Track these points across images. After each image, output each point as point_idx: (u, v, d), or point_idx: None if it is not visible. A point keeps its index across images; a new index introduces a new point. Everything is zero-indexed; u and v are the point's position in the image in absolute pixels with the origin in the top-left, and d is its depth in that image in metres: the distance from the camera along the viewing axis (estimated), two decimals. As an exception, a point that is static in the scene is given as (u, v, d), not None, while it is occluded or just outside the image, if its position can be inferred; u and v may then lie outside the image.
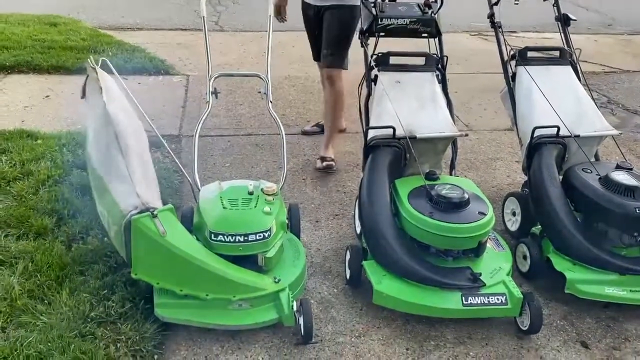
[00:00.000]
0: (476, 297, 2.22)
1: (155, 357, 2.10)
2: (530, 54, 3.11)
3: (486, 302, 2.22)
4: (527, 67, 3.03)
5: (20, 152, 3.34)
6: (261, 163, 3.65)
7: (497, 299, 2.23)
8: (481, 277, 2.27)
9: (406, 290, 2.25)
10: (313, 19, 3.56)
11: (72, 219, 2.74)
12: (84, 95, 2.69)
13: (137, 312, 2.21)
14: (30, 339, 2.01)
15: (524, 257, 2.62)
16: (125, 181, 2.26)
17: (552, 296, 2.52)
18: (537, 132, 2.74)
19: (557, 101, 2.85)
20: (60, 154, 3.34)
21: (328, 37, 3.44)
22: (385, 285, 2.27)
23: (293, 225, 2.66)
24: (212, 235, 2.18)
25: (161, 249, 2.09)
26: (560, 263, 2.44)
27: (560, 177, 2.69)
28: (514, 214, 2.95)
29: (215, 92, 2.87)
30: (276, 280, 2.22)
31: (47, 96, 4.59)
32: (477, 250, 2.36)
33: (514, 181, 3.59)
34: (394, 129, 2.60)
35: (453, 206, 2.33)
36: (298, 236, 2.66)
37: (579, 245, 2.43)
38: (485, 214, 2.33)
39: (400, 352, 2.19)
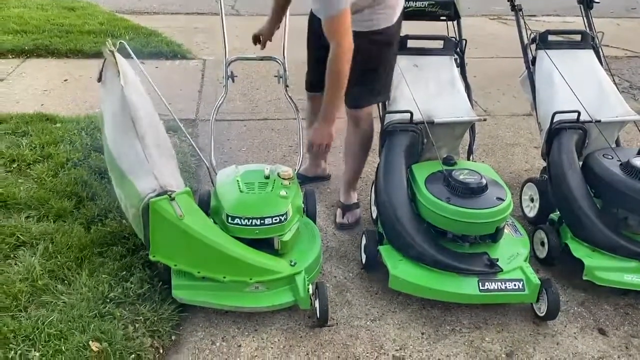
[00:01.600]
0: (493, 283, 2.21)
1: (173, 337, 2.13)
2: (551, 37, 3.05)
3: (503, 287, 2.21)
4: (547, 51, 2.98)
5: (40, 136, 3.37)
6: (277, 147, 3.66)
7: (514, 284, 2.22)
8: (498, 263, 2.25)
9: (422, 275, 2.25)
10: (313, 53, 2.77)
11: (91, 202, 2.77)
12: (100, 79, 2.69)
13: (155, 294, 2.23)
14: (52, 318, 2.04)
15: (542, 244, 2.60)
16: (142, 164, 2.27)
17: (570, 283, 2.50)
18: (557, 117, 2.70)
19: (578, 86, 2.80)
20: (79, 137, 3.37)
21: (352, 69, 2.34)
22: (402, 270, 2.26)
23: (309, 210, 2.66)
24: (229, 219, 2.19)
25: (179, 232, 2.10)
26: (578, 249, 2.42)
27: (580, 163, 2.65)
28: (531, 199, 2.92)
29: (232, 76, 2.87)
30: (292, 263, 2.23)
31: (65, 80, 4.63)
32: (495, 236, 2.34)
33: (532, 167, 3.55)
34: (412, 114, 2.58)
35: (471, 191, 2.31)
36: (314, 220, 2.66)
37: (598, 232, 2.40)
38: (503, 200, 2.31)
39: (415, 336, 2.20)
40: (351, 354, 2.11)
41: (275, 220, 2.20)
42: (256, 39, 2.94)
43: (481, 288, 2.20)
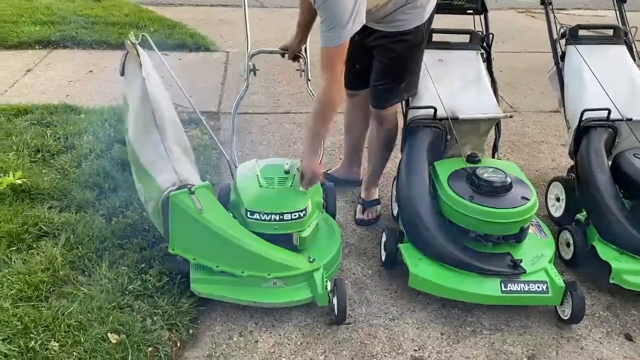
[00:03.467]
0: (516, 284, 2.16)
1: (190, 331, 2.13)
2: (581, 32, 2.96)
3: (526, 289, 2.15)
4: (577, 46, 2.90)
5: (64, 126, 3.41)
6: (298, 141, 3.63)
7: (538, 286, 2.16)
8: (522, 264, 2.20)
9: (443, 275, 2.21)
10: (357, 43, 2.46)
11: (113, 193, 2.78)
12: (123, 72, 2.70)
13: (173, 287, 2.23)
14: (71, 309, 2.06)
15: (567, 245, 2.53)
16: (163, 158, 2.26)
17: (595, 285, 2.44)
18: (586, 115, 2.62)
19: (608, 82, 2.72)
20: (102, 128, 3.39)
21: (380, 69, 2.52)
22: (422, 269, 2.23)
23: (329, 206, 2.63)
24: (248, 214, 2.18)
25: (198, 225, 2.10)
26: (606, 252, 2.34)
27: (610, 163, 2.58)
28: (557, 199, 2.84)
29: (253, 70, 2.85)
30: (311, 259, 2.20)
31: (90, 71, 4.67)
32: (519, 236, 2.29)
33: (559, 165, 3.47)
34: (435, 110, 2.53)
35: (495, 190, 2.25)
36: (334, 216, 2.63)
37: (626, 234, 2.32)
38: (528, 199, 2.25)
39: (434, 337, 2.16)
40: (368, 353, 2.08)
41: (295, 216, 2.18)
42: (284, 52, 2.80)
43: (503, 289, 2.15)
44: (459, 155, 2.55)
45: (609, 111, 2.59)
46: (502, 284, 2.16)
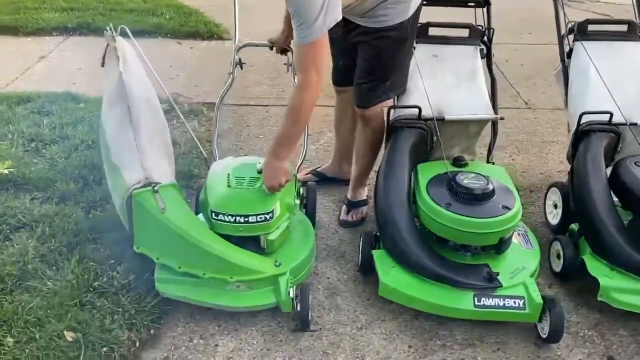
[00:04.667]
0: (490, 299, 2.04)
1: (152, 331, 2.09)
2: (592, 27, 2.76)
3: (501, 304, 2.03)
4: (585, 42, 2.70)
5: (62, 116, 3.43)
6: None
7: (514, 302, 2.03)
8: (499, 277, 2.07)
9: (414, 285, 2.10)
10: (339, 38, 2.46)
11: (97, 185, 2.78)
12: (103, 63, 2.67)
13: (140, 285, 2.20)
14: (32, 304, 2.06)
15: (558, 256, 2.38)
16: (133, 154, 2.23)
17: (585, 301, 2.28)
18: (586, 118, 2.44)
19: (617, 83, 2.53)
20: (98, 119, 3.38)
21: (363, 66, 2.43)
22: (393, 278, 2.13)
23: (308, 207, 2.56)
24: (213, 214, 2.12)
25: (160, 225, 2.06)
26: (595, 267, 2.18)
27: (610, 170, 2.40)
28: (555, 206, 2.68)
29: (240, 63, 2.79)
30: (277, 263, 2.13)
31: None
32: (499, 247, 2.15)
33: (567, 168, 3.24)
34: (420, 109, 2.40)
35: (474, 198, 2.12)
36: (313, 217, 2.56)
37: (619, 249, 2.15)
38: (509, 209, 2.11)
39: (401, 349, 2.06)
40: (330, 364, 2.01)
41: (260, 218, 2.11)
42: (272, 46, 2.76)
43: (476, 303, 2.03)
44: (447, 158, 2.42)
45: (611, 115, 2.41)
46: (476, 298, 2.04)
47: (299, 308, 2.07)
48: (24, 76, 4.33)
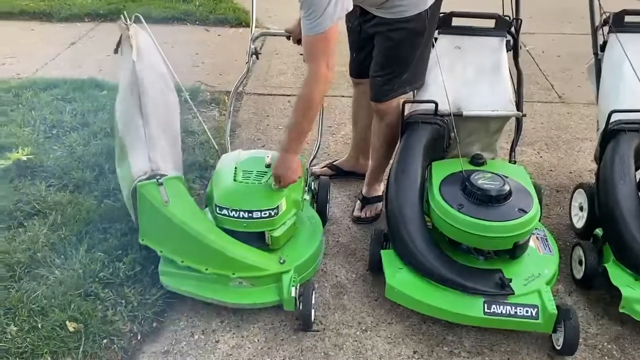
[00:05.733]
0: (501, 306, 1.94)
1: (154, 324, 2.09)
2: (629, 18, 2.58)
3: (512, 312, 1.93)
4: (621, 34, 2.53)
5: (84, 103, 3.45)
6: (315, 126, 3.46)
7: (527, 311, 1.93)
8: (511, 284, 1.97)
9: (422, 289, 2.02)
10: (353, 36, 2.50)
11: (112, 174, 2.78)
12: (117, 50, 2.66)
13: (145, 277, 2.20)
14: (38, 292, 2.07)
15: (580, 262, 2.25)
16: (141, 144, 2.21)
17: (606, 312, 2.15)
18: (616, 116, 2.29)
19: (653, 79, 2.36)
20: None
21: (379, 58, 2.34)
22: (399, 280, 2.05)
23: (319, 202, 2.49)
24: (218, 209, 2.09)
25: (163, 218, 2.04)
26: (618, 276, 2.05)
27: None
28: (581, 208, 2.54)
29: (255, 53, 2.73)
30: (281, 261, 2.09)
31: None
32: (513, 252, 2.05)
33: (598, 167, 3.10)
34: (436, 104, 2.30)
35: (488, 199, 2.02)
36: (324, 214, 2.50)
37: (644, 258, 2.02)
38: (525, 212, 2.00)
39: (405, 355, 1.99)
40: (330, 366, 1.95)
41: (265, 214, 2.06)
42: (289, 35, 2.66)
43: (486, 310, 1.94)
44: (465, 155, 2.32)
45: (644, 113, 2.25)
46: (486, 305, 1.94)
47: (301, 307, 2.01)
48: (54, 62, 4.39)
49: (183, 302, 2.17)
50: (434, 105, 2.29)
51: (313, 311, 2.07)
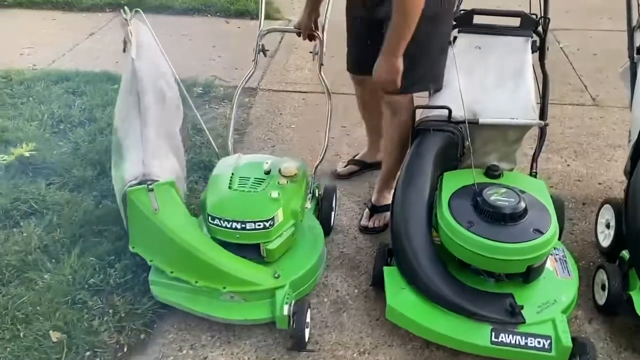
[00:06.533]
0: (510, 336, 1.77)
1: (142, 336, 1.99)
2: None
3: (522, 343, 1.76)
4: (658, 36, 2.31)
5: (94, 97, 3.39)
6: (322, 131, 3.32)
7: (539, 342, 1.76)
8: (523, 311, 1.80)
9: (425, 312, 1.87)
10: (361, 25, 2.39)
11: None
12: (125, 49, 2.57)
13: (136, 285, 2.11)
14: (24, 298, 2.00)
15: (603, 287, 2.06)
16: (137, 146, 2.12)
17: (630, 343, 1.96)
18: (649, 129, 2.08)
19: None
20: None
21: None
22: (401, 301, 1.90)
23: (323, 211, 2.36)
24: (210, 218, 1.97)
25: (152, 226, 1.93)
26: (644, 306, 1.86)
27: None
28: (607, 225, 2.33)
29: (263, 50, 2.60)
30: (276, 275, 1.96)
31: (148, 37, 4.64)
32: (527, 276, 1.87)
33: (631, 179, 2.87)
34: (450, 110, 2.13)
35: (501, 217, 1.85)
36: (328, 223, 2.36)
37: (674, 288, 1.82)
38: (542, 233, 1.82)
39: (404, 382, 1.85)
40: (321, 391, 1.83)
41: (259, 225, 1.94)
42: (298, 31, 2.54)
43: (493, 339, 1.78)
44: (480, 165, 2.15)
45: (682, 126, 2.03)
46: (493, 333, 1.78)
47: (294, 327, 1.89)
48: (71, 53, 4.35)
49: (174, 313, 2.07)
50: (447, 111, 2.12)
51: (307, 330, 1.95)
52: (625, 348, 1.96)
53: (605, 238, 2.33)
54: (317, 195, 2.39)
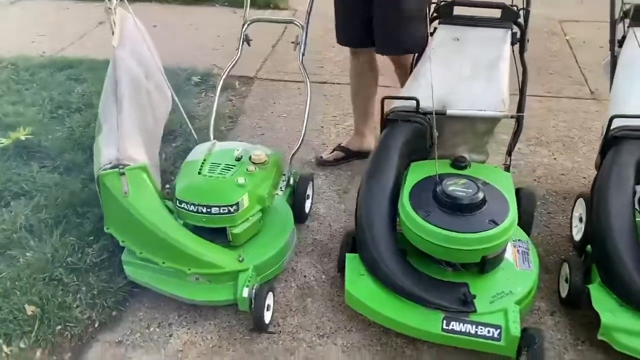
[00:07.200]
0: (460, 324, 1.80)
1: (114, 313, 2.09)
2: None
3: (472, 332, 1.79)
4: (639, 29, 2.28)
5: (94, 83, 3.49)
6: (320, 115, 3.38)
7: (488, 331, 1.78)
8: (475, 300, 1.82)
9: (381, 299, 1.91)
10: None
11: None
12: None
13: (112, 265, 2.20)
14: (4, 274, 2.12)
15: (566, 280, 2.06)
16: (113, 132, 2.20)
17: (589, 337, 1.96)
18: (618, 122, 2.07)
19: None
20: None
21: (391, 14, 2.45)
22: (359, 287, 1.94)
23: (296, 198, 2.41)
24: (178, 202, 2.04)
25: (122, 209, 2.02)
26: (601, 300, 1.86)
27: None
28: (580, 219, 2.32)
29: (247, 40, 2.67)
30: (240, 259, 2.03)
31: (154, 26, 4.73)
32: (482, 266, 1.90)
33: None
34: (418, 101, 2.15)
35: (457, 208, 1.87)
36: (301, 210, 2.42)
37: (631, 283, 1.81)
38: (497, 224, 1.83)
39: (358, 366, 1.90)
40: (277, 371, 1.89)
41: (224, 210, 2.00)
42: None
43: (445, 327, 1.80)
44: (449, 157, 2.17)
45: (651, 120, 2.02)
46: (445, 321, 1.81)
47: (254, 309, 1.95)
48: (80, 41, 4.48)
49: (146, 292, 2.16)
50: (415, 102, 2.14)
51: (269, 313, 2.01)
52: (583, 341, 1.96)
53: (579, 232, 2.32)
54: (291, 183, 2.44)
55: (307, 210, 2.51)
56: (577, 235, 2.32)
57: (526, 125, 3.17)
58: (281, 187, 2.39)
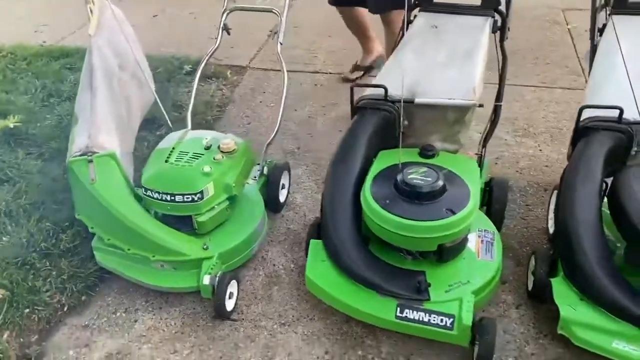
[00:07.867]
0: (414, 312, 1.79)
1: (83, 297, 2.13)
2: (635, -2, 2.26)
3: (425, 320, 1.78)
4: (621, 17, 2.23)
5: (87, 73, 3.54)
6: (308, 106, 3.37)
7: (441, 320, 1.77)
8: (430, 289, 1.81)
9: (338, 285, 1.91)
10: None
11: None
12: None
13: (84, 250, 2.24)
14: (-23, 257, 2.18)
15: (533, 273, 2.04)
16: (86, 120, 2.24)
17: (551, 331, 1.93)
18: (588, 113, 2.02)
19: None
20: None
21: None
22: (318, 273, 1.95)
23: (270, 187, 2.41)
24: (144, 190, 2.07)
25: (89, 196, 2.05)
26: (562, 294, 1.83)
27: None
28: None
29: (226, 29, 2.68)
30: (205, 247, 2.05)
31: (155, 16, 4.78)
32: (439, 255, 1.88)
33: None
34: (386, 89, 2.13)
35: (415, 196, 1.85)
36: (275, 201, 2.43)
37: (593, 277, 1.78)
38: (454, 213, 1.81)
39: (316, 354, 1.90)
40: (236, 358, 1.90)
41: (188, 198, 2.02)
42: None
43: (398, 315, 1.80)
44: (419, 145, 2.14)
45: (621, 111, 1.96)
46: (399, 309, 1.80)
47: (215, 296, 1.97)
48: (81, 31, 4.51)
49: (116, 278, 2.19)
50: (383, 90, 2.12)
51: (232, 301, 2.03)
52: (545, 335, 1.94)
53: (553, 225, 2.28)
54: (265, 173, 2.45)
55: (282, 199, 2.52)
56: (552, 228, 2.29)
57: (515, 116, 3.14)
58: (255, 177, 2.40)
